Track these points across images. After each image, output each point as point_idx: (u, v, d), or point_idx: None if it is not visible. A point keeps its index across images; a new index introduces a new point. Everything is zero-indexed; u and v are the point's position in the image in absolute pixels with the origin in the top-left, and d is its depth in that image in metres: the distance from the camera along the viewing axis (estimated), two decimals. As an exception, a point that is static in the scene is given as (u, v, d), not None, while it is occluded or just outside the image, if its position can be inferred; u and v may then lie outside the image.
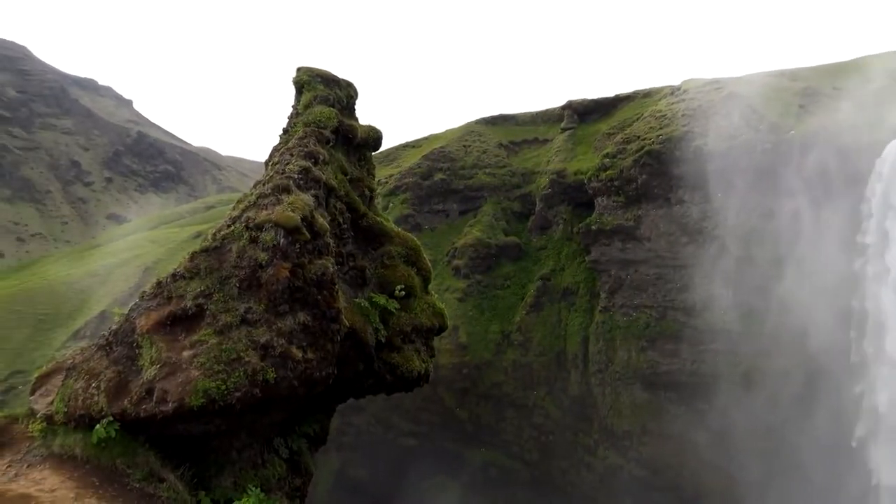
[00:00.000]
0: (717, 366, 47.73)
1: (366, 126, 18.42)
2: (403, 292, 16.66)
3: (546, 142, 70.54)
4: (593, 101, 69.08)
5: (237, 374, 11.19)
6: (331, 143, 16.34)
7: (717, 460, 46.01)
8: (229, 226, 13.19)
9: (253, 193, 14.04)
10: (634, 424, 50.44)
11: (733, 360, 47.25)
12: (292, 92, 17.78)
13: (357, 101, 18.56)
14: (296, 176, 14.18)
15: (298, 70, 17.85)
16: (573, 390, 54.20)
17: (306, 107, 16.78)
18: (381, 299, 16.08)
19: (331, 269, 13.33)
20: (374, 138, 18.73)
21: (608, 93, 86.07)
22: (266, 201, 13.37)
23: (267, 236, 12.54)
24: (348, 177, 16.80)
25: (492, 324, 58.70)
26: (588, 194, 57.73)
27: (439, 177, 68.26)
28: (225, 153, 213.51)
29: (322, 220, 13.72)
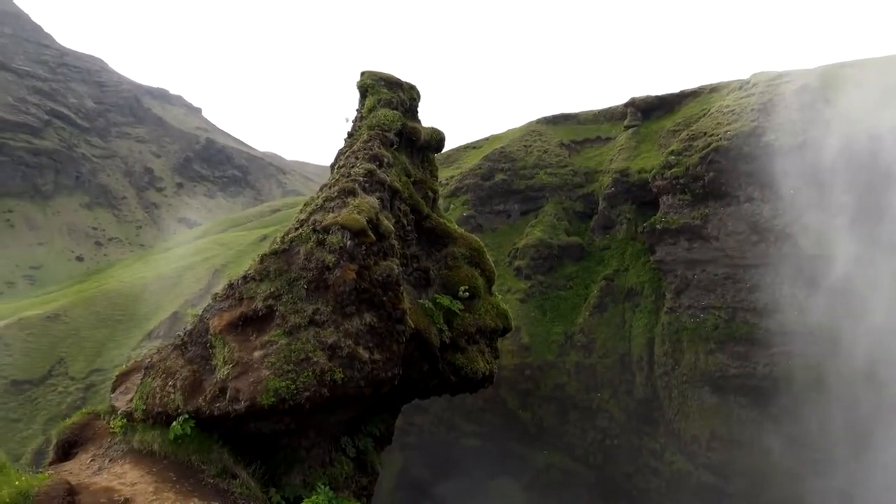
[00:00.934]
0: (790, 369, 45.86)
1: (428, 128, 18.49)
2: (467, 293, 16.64)
3: (608, 140, 69.46)
4: (657, 97, 67.63)
5: (306, 374, 11.40)
6: (395, 146, 16.48)
7: (794, 467, 44.22)
8: (297, 228, 13.43)
9: (320, 196, 14.26)
10: (703, 429, 48.99)
11: (807, 362, 45.32)
12: (356, 96, 18.00)
13: (420, 104, 18.64)
14: (361, 179, 14.35)
15: (362, 74, 18.07)
16: (638, 393, 53.11)
17: (370, 110, 16.97)
18: (445, 300, 16.11)
19: (396, 271, 13.42)
20: (437, 140, 18.78)
21: (671, 89, 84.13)
22: (332, 204, 13.57)
23: (334, 239, 12.72)
24: (412, 179, 16.91)
25: (554, 325, 58.10)
26: (652, 193, 56.49)
27: (500, 177, 68.09)
28: (289, 158, 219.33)
29: (387, 223, 13.83)
